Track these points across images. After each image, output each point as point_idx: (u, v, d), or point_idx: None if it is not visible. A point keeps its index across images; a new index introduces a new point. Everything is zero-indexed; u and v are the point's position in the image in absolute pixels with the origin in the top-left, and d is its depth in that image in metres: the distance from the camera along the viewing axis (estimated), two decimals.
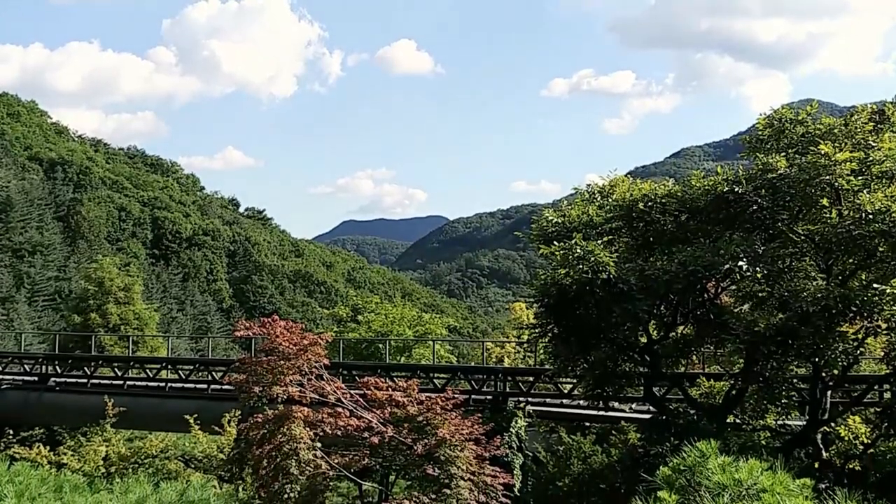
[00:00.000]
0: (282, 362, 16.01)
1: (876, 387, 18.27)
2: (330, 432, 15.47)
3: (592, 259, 15.70)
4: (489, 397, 21.34)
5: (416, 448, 15.08)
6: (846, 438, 16.76)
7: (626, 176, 19.32)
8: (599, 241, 16.55)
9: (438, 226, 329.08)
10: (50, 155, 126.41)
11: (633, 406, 20.07)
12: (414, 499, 14.23)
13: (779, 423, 16.58)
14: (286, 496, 14.36)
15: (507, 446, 17.66)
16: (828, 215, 15.69)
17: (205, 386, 25.39)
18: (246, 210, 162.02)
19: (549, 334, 17.58)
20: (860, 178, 15.57)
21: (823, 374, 15.72)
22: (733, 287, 16.94)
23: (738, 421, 16.74)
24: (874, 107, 17.25)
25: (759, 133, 17.42)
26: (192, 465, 20.11)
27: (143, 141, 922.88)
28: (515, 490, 17.36)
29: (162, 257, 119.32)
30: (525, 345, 29.99)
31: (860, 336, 15.49)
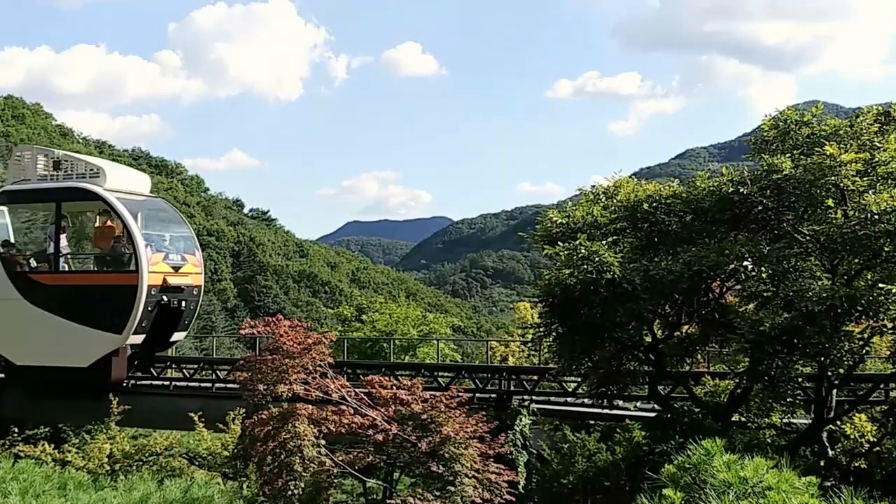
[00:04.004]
0: (286, 361, 16.05)
1: (882, 385, 18.28)
2: (334, 430, 15.50)
3: (597, 259, 15.70)
4: (493, 396, 21.34)
5: (420, 445, 15.12)
6: (852, 437, 16.73)
7: (630, 177, 19.31)
8: (604, 242, 16.54)
9: (443, 227, 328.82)
10: None
11: (638, 404, 20.04)
12: (418, 496, 14.26)
13: (784, 421, 16.57)
14: (290, 493, 14.38)
15: (511, 444, 17.66)
16: (833, 216, 15.68)
17: (209, 384, 25.40)
18: (250, 211, 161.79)
19: (553, 333, 17.61)
20: (865, 179, 15.57)
21: (829, 373, 15.70)
22: (738, 287, 16.92)
23: (743, 419, 16.74)
24: (879, 108, 17.25)
25: (764, 134, 17.41)
26: (197, 463, 20.09)
27: (149, 143, 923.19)
28: (520, 487, 17.36)
29: None
30: (529, 344, 30.00)
31: (866, 335, 15.48)
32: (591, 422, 19.61)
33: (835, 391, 16.32)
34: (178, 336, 25.00)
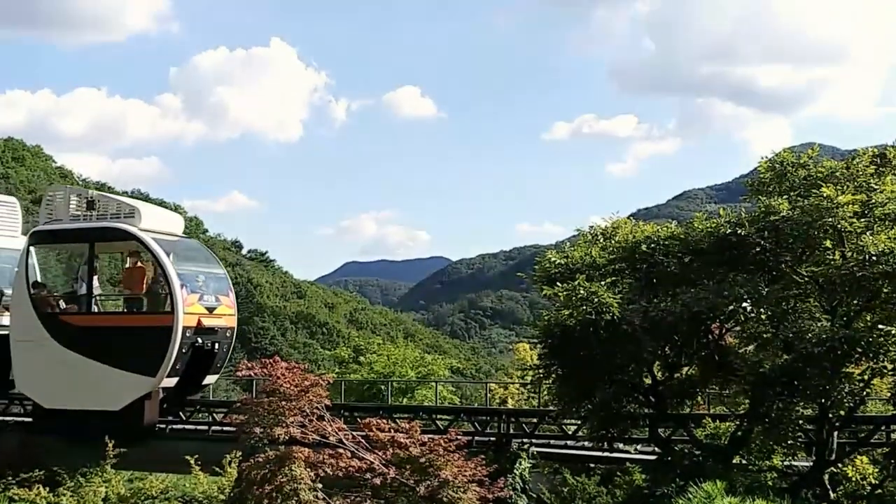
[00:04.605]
0: (283, 403, 15.96)
1: (883, 427, 18.18)
2: (331, 473, 15.36)
3: (596, 300, 15.72)
4: (493, 438, 21.17)
5: (418, 489, 14.96)
6: (854, 479, 16.61)
7: (628, 218, 19.41)
8: (603, 283, 16.56)
9: (441, 267, 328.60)
10: None
11: (639, 447, 19.87)
12: None
13: (785, 463, 16.44)
14: None
15: (510, 488, 17.49)
16: (831, 257, 15.73)
17: (206, 427, 25.21)
18: (249, 252, 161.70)
19: (553, 375, 17.54)
20: (863, 220, 15.63)
21: (830, 415, 15.63)
22: (738, 328, 16.91)
23: (744, 462, 16.60)
24: (875, 150, 17.38)
25: (761, 176, 17.50)
26: None
27: (149, 185, 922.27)
28: None
29: None
30: (529, 386, 29.86)
31: (866, 377, 15.43)
32: (592, 465, 19.45)
33: (836, 433, 16.21)
34: (210, 379, 24.56)
